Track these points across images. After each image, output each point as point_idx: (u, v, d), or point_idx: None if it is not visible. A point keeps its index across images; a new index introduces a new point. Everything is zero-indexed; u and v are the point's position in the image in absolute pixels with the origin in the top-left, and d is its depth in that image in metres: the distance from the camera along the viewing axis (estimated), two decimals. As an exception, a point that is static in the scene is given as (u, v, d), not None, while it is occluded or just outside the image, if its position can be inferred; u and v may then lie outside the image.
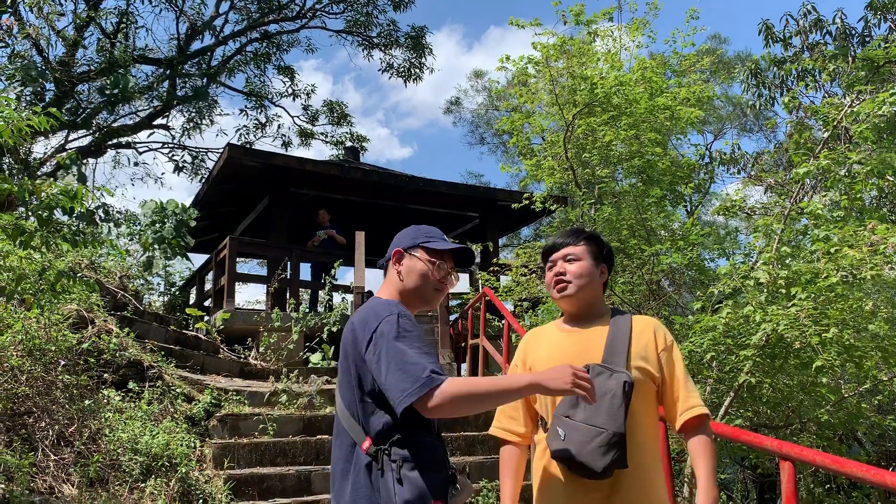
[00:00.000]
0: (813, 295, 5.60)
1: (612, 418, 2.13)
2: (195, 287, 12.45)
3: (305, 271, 12.05)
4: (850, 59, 8.83)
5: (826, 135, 7.19)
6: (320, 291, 10.63)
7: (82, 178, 9.88)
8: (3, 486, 3.89)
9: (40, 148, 14.36)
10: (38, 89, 13.05)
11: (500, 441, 2.48)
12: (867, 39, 10.14)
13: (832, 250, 5.58)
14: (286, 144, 19.42)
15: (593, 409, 2.14)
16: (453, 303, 11.08)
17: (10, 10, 12.76)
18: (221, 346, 8.74)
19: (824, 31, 10.34)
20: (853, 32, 10.37)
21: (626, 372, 2.20)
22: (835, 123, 6.92)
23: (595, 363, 2.24)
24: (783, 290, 5.89)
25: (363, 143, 19.53)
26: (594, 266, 2.41)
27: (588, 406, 2.14)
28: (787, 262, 6.12)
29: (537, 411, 2.40)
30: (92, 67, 14.80)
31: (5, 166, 11.38)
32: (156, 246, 10.27)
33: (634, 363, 2.27)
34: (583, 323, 2.40)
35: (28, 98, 12.92)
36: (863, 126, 6.40)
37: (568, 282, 2.37)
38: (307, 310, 9.79)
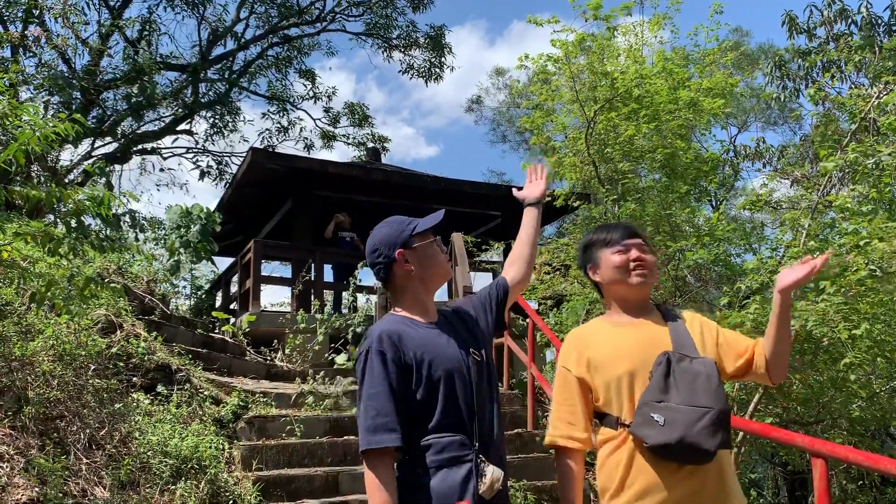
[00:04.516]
0: (842, 289, 5.52)
1: (716, 397, 2.10)
2: (221, 290, 12.57)
3: (329, 273, 12.11)
4: (876, 49, 8.68)
5: (853, 127, 7.08)
6: (344, 293, 10.68)
7: (109, 186, 10.01)
8: (37, 489, 3.95)
9: (67, 155, 14.59)
10: (66, 99, 13.24)
11: (561, 449, 2.33)
12: (894, 29, 9.96)
13: (861, 243, 5.49)
14: (308, 147, 19.52)
15: (691, 391, 2.10)
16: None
17: (36, 20, 12.97)
18: (248, 348, 8.81)
19: (849, 20, 10.17)
20: (879, 22, 10.19)
21: (705, 357, 2.20)
22: (862, 115, 6.81)
23: (671, 351, 2.21)
24: (811, 285, 5.81)
25: (385, 144, 19.57)
26: None
27: (683, 389, 2.12)
28: (815, 256, 6.03)
29: (596, 410, 2.33)
30: (117, 75, 14.99)
31: (33, 174, 11.56)
32: (181, 250, 10.38)
33: (699, 350, 2.26)
34: (638, 314, 2.37)
35: (56, 107, 13.12)
36: (891, 117, 6.30)
37: (649, 269, 2.36)
38: (332, 311, 9.83)
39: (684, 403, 2.08)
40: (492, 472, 2.02)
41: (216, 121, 18.04)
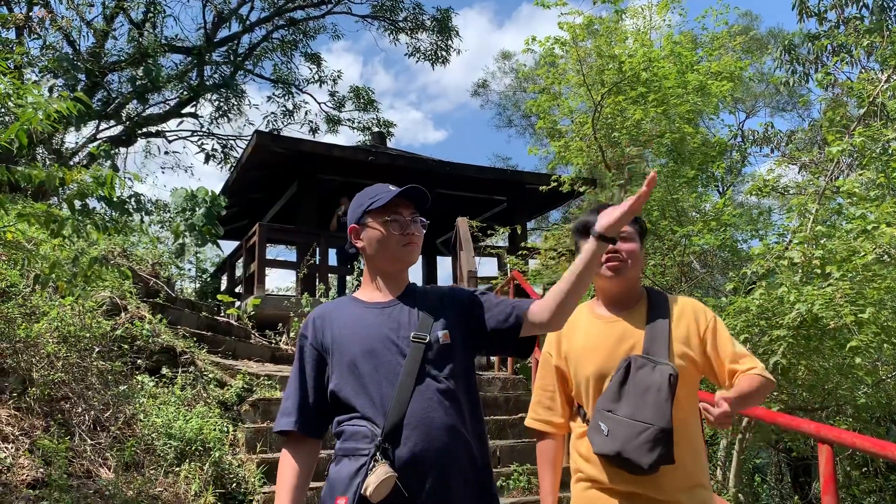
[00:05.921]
0: (849, 274, 5.48)
1: (659, 413, 2.04)
2: (226, 273, 12.58)
3: (334, 257, 12.11)
4: (886, 33, 8.59)
5: (861, 111, 7.02)
6: (348, 276, 10.68)
7: (115, 169, 10.00)
8: (42, 469, 3.97)
9: (72, 138, 14.62)
10: (71, 81, 13.22)
11: (537, 433, 2.41)
12: (905, 12, 9.85)
13: (869, 228, 5.45)
14: (314, 131, 19.49)
15: (638, 404, 2.06)
16: (482, 287, 11.05)
17: (41, 2, 12.93)
18: (252, 331, 8.81)
19: (860, 4, 10.07)
20: (890, 5, 10.08)
21: (670, 364, 2.10)
22: (870, 100, 6.75)
23: (636, 354, 2.14)
24: (818, 270, 5.78)
25: (390, 129, 19.53)
26: (641, 247, 2.31)
27: (632, 401, 2.08)
28: (822, 241, 6.00)
29: (573, 399, 2.33)
30: (122, 58, 14.96)
31: (38, 157, 11.56)
32: (187, 233, 10.39)
33: (676, 349, 2.16)
34: (620, 307, 2.28)
35: (61, 89, 13.10)
36: (901, 101, 6.24)
37: (623, 261, 2.23)
38: (336, 295, 9.83)
39: (629, 416, 2.07)
40: (380, 473, 1.80)
41: (221, 104, 18.02)
